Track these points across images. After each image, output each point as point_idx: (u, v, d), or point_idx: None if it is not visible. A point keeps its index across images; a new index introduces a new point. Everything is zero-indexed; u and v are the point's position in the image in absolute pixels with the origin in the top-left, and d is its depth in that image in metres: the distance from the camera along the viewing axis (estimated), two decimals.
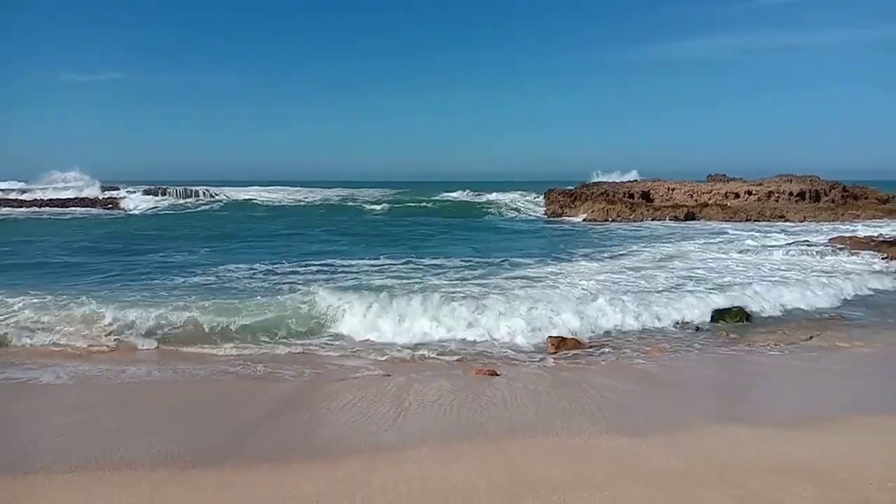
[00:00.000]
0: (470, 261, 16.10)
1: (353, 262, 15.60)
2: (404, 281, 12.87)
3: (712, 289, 11.98)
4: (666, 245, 20.48)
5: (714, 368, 8.10)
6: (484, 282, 12.84)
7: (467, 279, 13.15)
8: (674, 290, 12.03)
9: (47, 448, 5.35)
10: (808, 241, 21.01)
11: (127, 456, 5.16)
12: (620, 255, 17.99)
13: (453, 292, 11.05)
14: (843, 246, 18.45)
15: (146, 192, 45.71)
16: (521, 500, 4.42)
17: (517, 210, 38.67)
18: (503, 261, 16.12)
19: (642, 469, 4.93)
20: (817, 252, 17.63)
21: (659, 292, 11.66)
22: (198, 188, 51.46)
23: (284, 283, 12.43)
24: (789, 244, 19.89)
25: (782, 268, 15.18)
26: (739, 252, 18.35)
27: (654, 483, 4.66)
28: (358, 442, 5.53)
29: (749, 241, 21.15)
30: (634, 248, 19.58)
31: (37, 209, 38.15)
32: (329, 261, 15.95)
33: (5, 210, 37.05)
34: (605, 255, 17.99)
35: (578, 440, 5.58)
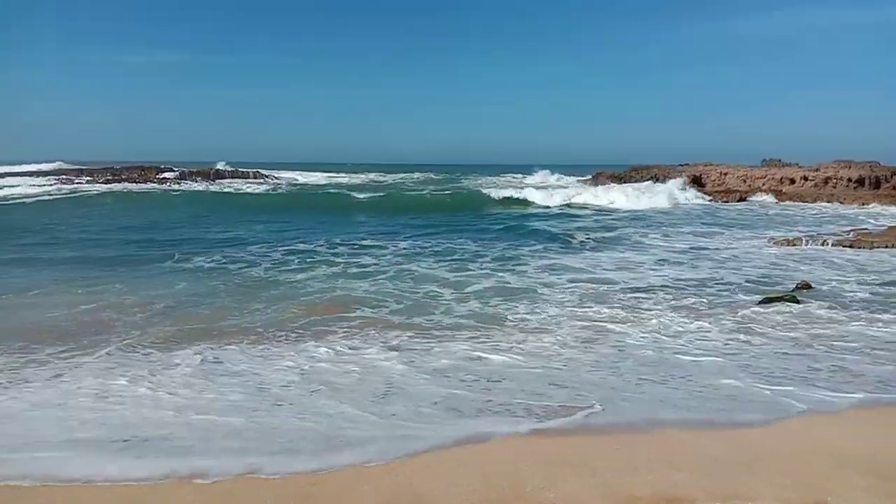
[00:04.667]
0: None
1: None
2: None
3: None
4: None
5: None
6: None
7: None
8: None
9: None
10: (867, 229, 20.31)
11: None
12: None
13: None
14: None
15: (184, 176, 46.56)
16: (563, 479, 4.48)
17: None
18: None
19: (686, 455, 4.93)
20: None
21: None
22: (250, 170, 53.11)
23: None
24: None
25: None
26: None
27: (696, 469, 4.65)
28: None
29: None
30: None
31: None
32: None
33: None
34: None
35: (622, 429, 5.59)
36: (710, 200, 32.91)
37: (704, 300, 10.49)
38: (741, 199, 32.83)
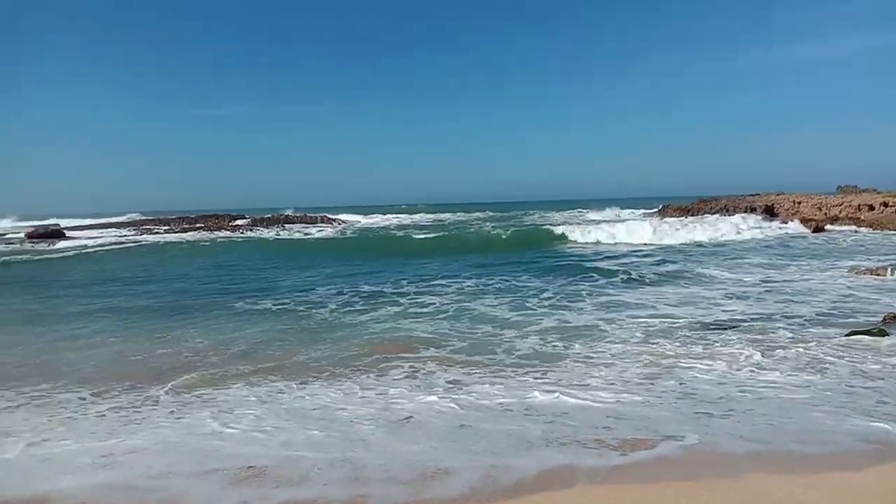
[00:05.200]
0: None
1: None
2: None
3: None
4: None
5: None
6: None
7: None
8: None
9: None
10: None
11: None
12: None
13: None
14: None
15: (255, 222, 48.83)
16: None
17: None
18: None
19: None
20: None
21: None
22: (317, 215, 55.25)
23: None
24: None
25: None
26: None
27: None
28: None
29: None
30: None
31: None
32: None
33: None
34: None
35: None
36: (785, 231, 31.70)
37: (785, 334, 10.04)
38: (818, 229, 31.44)
